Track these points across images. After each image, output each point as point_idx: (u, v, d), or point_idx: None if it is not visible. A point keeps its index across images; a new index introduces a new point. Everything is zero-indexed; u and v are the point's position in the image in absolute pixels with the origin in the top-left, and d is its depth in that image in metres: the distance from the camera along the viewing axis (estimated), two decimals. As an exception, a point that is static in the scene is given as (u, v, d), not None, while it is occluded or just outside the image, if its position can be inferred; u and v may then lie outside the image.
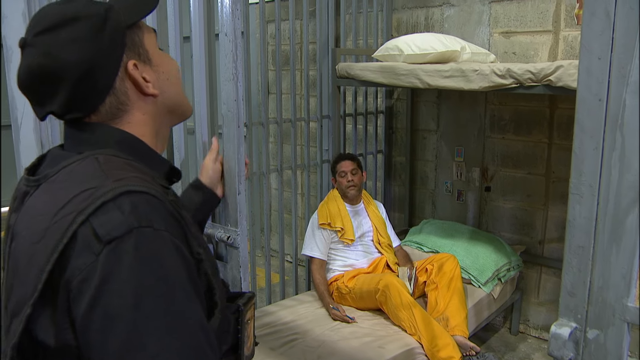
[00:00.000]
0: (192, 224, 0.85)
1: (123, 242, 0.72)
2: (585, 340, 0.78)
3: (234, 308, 1.02)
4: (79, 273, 0.72)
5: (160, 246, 0.75)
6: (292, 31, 3.23)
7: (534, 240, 3.35)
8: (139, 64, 0.90)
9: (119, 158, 0.85)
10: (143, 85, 0.90)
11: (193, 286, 0.78)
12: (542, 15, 3.07)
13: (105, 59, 0.86)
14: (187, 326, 0.75)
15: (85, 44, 0.84)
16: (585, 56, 0.73)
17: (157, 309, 0.72)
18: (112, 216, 0.73)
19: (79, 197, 0.76)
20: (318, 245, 3.03)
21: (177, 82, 0.98)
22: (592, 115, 0.73)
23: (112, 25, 0.86)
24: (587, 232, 0.76)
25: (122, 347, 0.70)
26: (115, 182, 0.77)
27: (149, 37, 0.94)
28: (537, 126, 3.22)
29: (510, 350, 3.27)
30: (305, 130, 3.42)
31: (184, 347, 0.73)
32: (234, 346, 1.01)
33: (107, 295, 0.71)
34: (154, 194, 0.78)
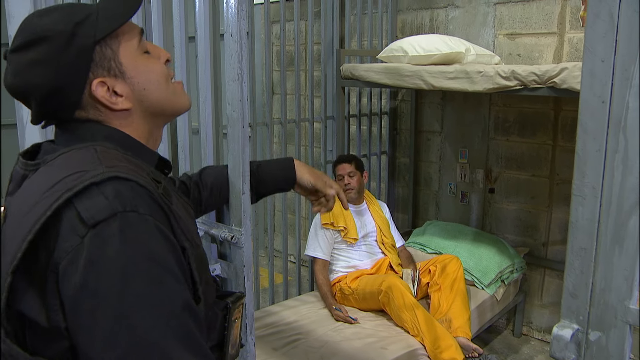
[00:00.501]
0: (181, 218, 0.87)
1: (108, 225, 0.74)
2: (587, 342, 0.78)
3: (222, 305, 1.04)
4: (65, 255, 0.74)
5: (145, 229, 0.77)
6: (297, 32, 3.23)
7: (538, 243, 3.35)
8: (108, 79, 0.89)
9: (116, 151, 0.88)
10: (109, 103, 0.89)
11: (180, 269, 0.81)
12: (547, 17, 3.07)
13: (68, 79, 0.87)
14: (174, 307, 0.77)
15: (48, 67, 0.85)
16: (588, 58, 0.73)
17: (145, 290, 0.75)
18: (96, 201, 0.76)
19: (70, 177, 0.78)
20: (321, 246, 3.03)
21: (157, 87, 0.94)
22: (595, 117, 0.73)
23: (78, 43, 0.86)
24: (590, 234, 0.76)
25: (111, 328, 0.73)
26: (107, 168, 0.80)
27: (127, 45, 0.91)
28: (542, 128, 3.22)
29: (513, 353, 3.27)
30: (310, 131, 3.42)
31: (171, 326, 0.76)
32: (220, 343, 1.04)
33: (95, 277, 0.73)
34: (142, 184, 0.80)
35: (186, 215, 0.94)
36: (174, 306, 0.77)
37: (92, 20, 0.87)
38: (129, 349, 0.73)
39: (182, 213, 0.91)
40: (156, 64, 0.95)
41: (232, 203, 1.31)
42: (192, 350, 0.78)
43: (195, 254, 0.88)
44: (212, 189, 1.32)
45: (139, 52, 0.93)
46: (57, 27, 0.86)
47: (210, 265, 1.40)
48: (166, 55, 0.98)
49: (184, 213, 0.93)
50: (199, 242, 0.95)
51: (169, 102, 0.97)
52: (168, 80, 0.97)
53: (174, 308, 0.77)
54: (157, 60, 0.96)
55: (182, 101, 1.00)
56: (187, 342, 0.77)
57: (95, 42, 0.87)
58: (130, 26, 0.93)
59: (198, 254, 0.91)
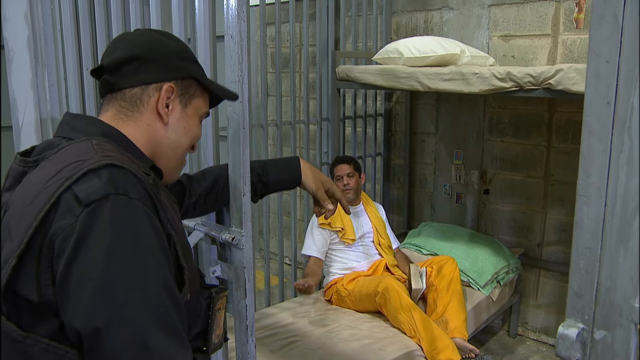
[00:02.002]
0: (168, 210, 0.94)
1: (100, 205, 0.81)
2: (593, 341, 0.78)
3: (206, 294, 1.12)
4: (61, 232, 0.81)
5: (133, 212, 0.84)
6: (292, 34, 3.23)
7: (533, 243, 3.36)
8: (175, 96, 1.04)
9: (110, 144, 0.95)
10: (160, 102, 1.02)
11: (162, 252, 0.87)
12: (541, 19, 3.09)
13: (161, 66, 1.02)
14: (153, 286, 0.83)
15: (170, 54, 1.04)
16: (593, 59, 0.73)
17: (125, 267, 0.81)
18: (92, 183, 0.83)
19: (69, 167, 0.86)
20: (316, 244, 3.02)
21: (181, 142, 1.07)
22: (600, 117, 0.74)
23: (186, 66, 1.06)
24: (595, 234, 0.77)
25: (92, 299, 0.79)
26: (102, 157, 0.87)
27: (201, 105, 1.10)
28: (536, 129, 3.23)
29: (509, 353, 3.28)
30: (305, 133, 3.42)
31: (148, 302, 0.82)
32: (204, 332, 1.11)
33: (83, 251, 0.80)
34: (134, 172, 0.87)
35: (172, 209, 1.00)
36: (153, 285, 0.83)
37: (204, 73, 1.11)
38: (105, 322, 0.78)
39: (168, 206, 0.97)
40: (199, 132, 1.11)
41: (233, 204, 1.31)
42: (167, 331, 0.83)
43: (181, 242, 0.95)
44: (214, 186, 1.35)
45: (201, 115, 1.11)
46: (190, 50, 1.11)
47: (210, 266, 1.39)
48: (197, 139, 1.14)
49: (170, 207, 0.99)
50: (184, 233, 1.03)
51: (176, 157, 1.09)
52: (189, 148, 1.11)
53: (153, 287, 0.83)
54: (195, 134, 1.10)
55: (176, 172, 1.13)
56: (163, 322, 0.82)
57: (194, 77, 1.07)
58: (207, 104, 1.13)
59: (183, 243, 0.98)
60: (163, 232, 0.89)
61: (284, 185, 1.42)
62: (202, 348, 1.11)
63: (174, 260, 0.92)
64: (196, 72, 1.08)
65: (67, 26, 1.97)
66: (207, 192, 1.34)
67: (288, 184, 1.42)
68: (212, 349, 1.13)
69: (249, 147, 1.26)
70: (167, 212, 0.92)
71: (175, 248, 0.92)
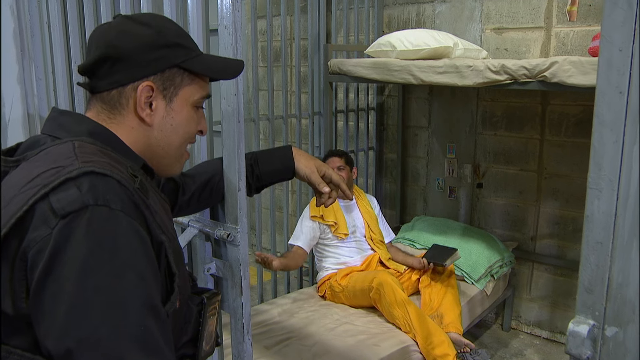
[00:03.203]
0: (157, 213, 0.89)
1: (78, 217, 0.76)
2: (604, 337, 0.76)
3: (197, 300, 1.07)
4: (34, 245, 0.76)
5: (114, 225, 0.78)
6: (284, 27, 3.19)
7: (526, 237, 3.35)
8: (157, 91, 0.96)
9: (94, 145, 0.90)
10: (139, 105, 0.95)
11: (148, 266, 0.81)
12: (534, 12, 3.07)
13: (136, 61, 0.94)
14: (132, 303, 0.77)
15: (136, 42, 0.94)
16: (605, 47, 0.71)
17: (102, 283, 0.75)
18: (69, 193, 0.78)
19: (46, 173, 0.81)
20: (303, 233, 2.98)
21: (178, 137, 1.01)
22: (612, 108, 0.71)
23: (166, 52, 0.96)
24: (606, 228, 0.74)
25: (66, 317, 0.74)
26: (82, 163, 0.82)
27: (192, 91, 1.00)
28: (529, 122, 3.22)
29: (503, 347, 3.28)
30: (297, 127, 3.39)
31: (127, 324, 0.76)
32: (194, 339, 1.06)
33: (57, 266, 0.74)
34: (117, 179, 0.82)
35: (162, 211, 0.96)
36: (132, 303, 0.77)
37: (191, 53, 0.99)
38: (78, 343, 0.73)
39: (158, 208, 0.93)
40: (194, 123, 1.03)
41: (228, 200, 1.27)
42: (146, 351, 0.77)
43: (172, 247, 0.90)
44: (209, 182, 1.30)
45: (194, 103, 1.01)
46: (169, 32, 0.98)
47: (205, 264, 1.36)
48: (202, 128, 1.06)
49: (160, 208, 0.95)
50: (175, 236, 0.98)
51: (169, 155, 1.02)
52: (186, 142, 1.04)
53: (132, 305, 0.77)
54: (196, 122, 1.04)
55: (176, 166, 1.06)
56: (142, 342, 0.76)
57: (176, 65, 0.97)
58: (205, 86, 1.03)
59: (175, 247, 0.93)
60: (150, 244, 0.84)
61: (278, 175, 1.36)
62: (192, 355, 1.07)
63: (165, 268, 0.88)
64: (177, 58, 0.97)
65: (54, 18, 1.92)
66: (202, 189, 1.29)
67: (282, 175, 1.35)
68: (202, 356, 1.08)
69: (244, 141, 1.22)
70: (156, 216, 0.87)
71: (167, 255, 0.88)
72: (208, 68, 1.02)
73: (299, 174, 1.34)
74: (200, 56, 1.01)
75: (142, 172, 0.96)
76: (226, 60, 1.07)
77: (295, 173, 1.34)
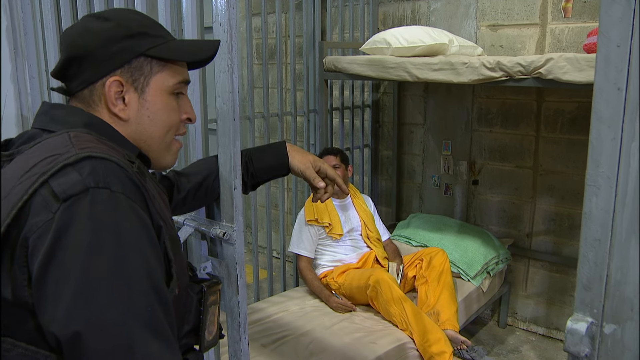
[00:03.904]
0: (155, 199, 0.88)
1: (79, 200, 0.76)
2: (602, 335, 0.76)
3: (197, 289, 1.07)
4: (36, 229, 0.75)
5: (115, 207, 0.78)
6: (279, 24, 3.18)
7: (522, 233, 3.36)
8: (126, 84, 0.94)
9: (90, 135, 0.89)
10: (110, 102, 0.94)
11: (151, 248, 0.81)
12: (529, 9, 3.07)
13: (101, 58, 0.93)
14: (138, 284, 0.77)
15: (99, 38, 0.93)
16: (603, 43, 0.70)
17: (107, 266, 0.75)
18: (70, 177, 0.78)
19: (44, 162, 0.81)
20: (305, 243, 3.00)
21: (159, 126, 0.98)
22: (610, 104, 0.71)
23: (129, 43, 0.93)
24: (604, 225, 0.74)
25: (72, 302, 0.73)
26: (80, 149, 0.82)
27: (164, 78, 0.97)
28: (525, 119, 3.22)
29: (499, 343, 3.28)
30: (292, 125, 3.38)
31: (133, 303, 0.76)
32: (196, 328, 1.06)
33: (61, 250, 0.74)
34: (115, 161, 0.82)
35: (159, 199, 0.95)
36: (139, 284, 0.77)
37: (158, 40, 0.96)
38: (85, 325, 0.73)
39: (156, 195, 0.92)
40: (175, 111, 1.00)
41: (223, 198, 1.27)
42: (154, 334, 0.77)
43: (169, 234, 0.90)
44: (204, 181, 1.29)
45: (169, 90, 0.98)
46: (132, 23, 0.95)
47: (201, 263, 1.35)
48: (189, 115, 1.03)
49: (157, 196, 0.94)
50: (173, 225, 0.97)
51: (156, 146, 1.00)
52: (171, 131, 1.01)
53: (139, 286, 0.77)
54: (177, 110, 1.00)
55: (166, 157, 1.03)
56: (150, 324, 0.77)
57: (142, 53, 0.94)
58: (181, 71, 0.99)
59: (172, 235, 0.93)
60: (152, 225, 0.83)
61: (273, 172, 1.34)
62: (195, 346, 1.07)
63: (163, 254, 0.87)
64: (141, 47, 0.94)
65: (47, 16, 1.90)
66: (197, 188, 1.28)
67: (277, 171, 1.34)
68: (205, 346, 1.08)
69: (239, 139, 1.22)
70: (154, 201, 0.87)
71: (164, 240, 0.87)
72: (177, 52, 0.98)
73: (294, 170, 1.33)
74: (169, 42, 0.98)
75: (139, 160, 0.95)
76: (199, 42, 1.04)
77: (290, 169, 1.33)
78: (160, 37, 0.97)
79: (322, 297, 2.89)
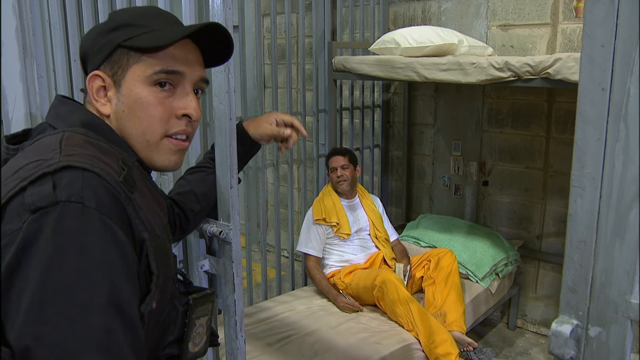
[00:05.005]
0: (141, 209, 0.85)
1: (47, 213, 0.74)
2: (587, 337, 0.75)
3: (183, 301, 1.04)
4: (3, 237, 0.74)
5: (85, 222, 0.75)
6: (288, 24, 3.19)
7: (532, 235, 3.33)
8: (106, 78, 0.93)
9: (84, 136, 0.88)
10: (92, 97, 0.93)
11: (120, 267, 0.78)
12: (540, 8, 3.04)
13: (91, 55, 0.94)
14: (95, 303, 0.74)
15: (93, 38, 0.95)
16: (588, 43, 0.70)
17: (65, 283, 0.72)
18: (43, 188, 0.76)
19: (29, 166, 0.80)
20: (313, 242, 3.00)
21: (136, 121, 0.93)
22: (595, 104, 0.70)
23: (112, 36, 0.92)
24: (589, 226, 0.73)
25: (27, 314, 0.71)
26: (63, 157, 0.79)
27: (141, 69, 0.91)
28: (535, 120, 3.19)
29: (508, 346, 3.26)
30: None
31: (87, 325, 0.72)
32: (179, 339, 1.03)
33: (24, 262, 0.73)
34: (97, 172, 0.79)
35: (152, 205, 0.92)
36: (96, 304, 0.73)
37: (141, 29, 0.92)
38: (35, 341, 0.71)
39: (146, 203, 0.89)
40: (155, 105, 0.93)
41: (220, 198, 1.27)
42: (105, 354, 0.73)
43: (155, 245, 0.86)
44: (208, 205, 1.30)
45: (146, 81, 0.92)
46: (123, 15, 0.95)
47: (198, 261, 1.36)
48: (185, 111, 0.95)
49: (149, 203, 0.91)
50: (161, 234, 0.91)
51: (138, 145, 0.94)
52: (153, 127, 0.93)
53: (96, 306, 0.73)
54: (161, 104, 0.93)
55: (156, 157, 0.96)
56: (102, 345, 0.73)
57: (118, 45, 0.91)
58: (162, 60, 0.92)
59: (158, 245, 0.88)
60: (128, 242, 0.80)
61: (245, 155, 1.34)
62: (178, 356, 1.04)
63: (145, 268, 0.85)
64: (119, 37, 0.91)
65: (54, 16, 1.93)
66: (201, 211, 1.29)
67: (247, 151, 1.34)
68: (188, 358, 1.05)
69: (235, 139, 1.22)
70: (139, 212, 0.83)
71: (147, 254, 0.84)
72: (152, 39, 0.91)
73: (257, 139, 1.33)
74: (152, 32, 0.92)
75: (137, 163, 0.93)
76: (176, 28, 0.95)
77: (257, 141, 1.34)
78: (144, 27, 0.93)
79: (330, 296, 2.90)
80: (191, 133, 0.99)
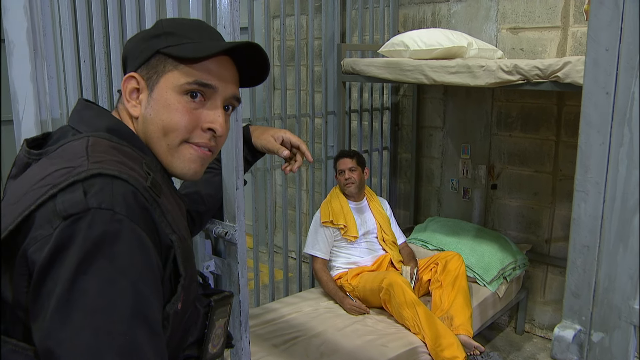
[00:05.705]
0: (169, 212, 0.87)
1: (79, 220, 0.75)
2: (590, 343, 0.75)
3: (205, 302, 1.05)
4: (34, 243, 0.76)
5: (115, 230, 0.77)
6: (298, 26, 3.20)
7: (541, 239, 3.31)
8: (142, 83, 0.95)
9: (109, 142, 0.89)
10: (125, 98, 0.96)
11: (147, 275, 0.79)
12: (550, 11, 3.03)
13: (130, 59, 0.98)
14: (120, 310, 0.75)
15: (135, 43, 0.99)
16: (592, 47, 0.70)
17: (92, 288, 0.74)
18: (75, 195, 0.77)
19: (57, 172, 0.81)
20: (320, 245, 3.01)
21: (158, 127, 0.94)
22: (599, 109, 0.70)
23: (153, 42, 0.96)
24: (593, 231, 0.73)
25: (52, 317, 0.73)
26: (92, 164, 0.81)
27: (174, 77, 0.93)
28: (545, 123, 3.18)
29: (516, 350, 3.24)
30: (310, 127, 3.39)
31: (111, 331, 0.74)
32: (199, 340, 1.04)
33: (55, 267, 0.74)
34: (125, 179, 0.80)
35: (175, 210, 0.94)
36: (121, 311, 0.75)
37: (182, 40, 0.95)
38: (58, 344, 0.72)
39: (172, 207, 0.92)
40: (182, 113, 0.94)
41: (226, 198, 1.28)
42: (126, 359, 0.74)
43: (182, 246, 0.88)
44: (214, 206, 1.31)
45: (178, 89, 0.94)
46: (169, 24, 0.99)
47: (204, 261, 1.37)
48: (211, 125, 0.96)
49: (174, 207, 0.94)
50: (187, 236, 0.94)
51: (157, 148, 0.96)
52: (174, 133, 0.95)
53: (121, 313, 0.75)
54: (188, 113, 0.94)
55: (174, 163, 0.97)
56: (126, 352, 0.74)
57: (158, 51, 0.94)
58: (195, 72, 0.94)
59: (185, 247, 0.90)
60: (158, 248, 0.82)
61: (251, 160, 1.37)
62: (197, 357, 1.06)
63: (172, 270, 0.86)
64: (160, 44, 0.94)
65: (65, 17, 1.95)
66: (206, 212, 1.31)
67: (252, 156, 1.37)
68: (207, 358, 1.07)
69: (241, 140, 1.23)
70: (167, 215, 0.85)
71: (175, 256, 0.86)
72: (191, 50, 0.94)
73: (256, 146, 1.34)
74: (193, 43, 0.95)
75: (160, 167, 0.95)
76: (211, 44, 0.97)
77: (256, 149, 1.35)
78: (185, 37, 0.95)
79: (337, 298, 2.90)
80: (215, 147, 0.99)
